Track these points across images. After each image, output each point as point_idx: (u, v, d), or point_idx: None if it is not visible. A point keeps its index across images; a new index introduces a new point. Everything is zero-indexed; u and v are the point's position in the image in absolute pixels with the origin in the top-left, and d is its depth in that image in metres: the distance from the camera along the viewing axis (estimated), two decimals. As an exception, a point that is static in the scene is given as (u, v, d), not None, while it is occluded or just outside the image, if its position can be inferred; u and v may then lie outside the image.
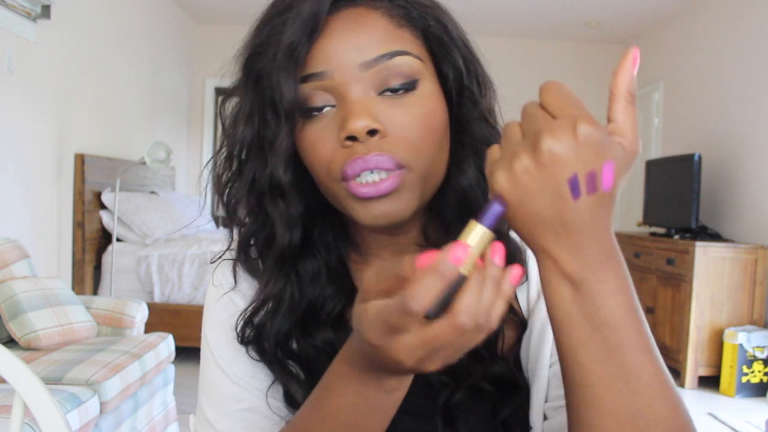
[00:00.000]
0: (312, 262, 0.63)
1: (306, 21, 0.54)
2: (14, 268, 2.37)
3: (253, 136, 0.59)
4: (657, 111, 5.06)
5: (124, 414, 2.12)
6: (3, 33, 2.80)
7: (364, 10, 0.56)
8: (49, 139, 3.26)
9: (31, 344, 2.17)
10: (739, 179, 3.89)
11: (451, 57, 0.58)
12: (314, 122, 0.56)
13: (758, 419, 2.98)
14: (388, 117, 0.54)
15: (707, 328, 3.54)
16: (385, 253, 0.65)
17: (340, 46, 0.54)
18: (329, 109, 0.56)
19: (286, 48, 0.54)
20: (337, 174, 0.55)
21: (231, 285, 0.65)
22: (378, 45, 0.55)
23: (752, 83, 3.82)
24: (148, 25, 4.65)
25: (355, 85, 0.54)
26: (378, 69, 0.54)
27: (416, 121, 0.55)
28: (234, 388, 0.63)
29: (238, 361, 0.63)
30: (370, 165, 0.53)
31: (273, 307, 0.61)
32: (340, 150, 0.54)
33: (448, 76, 0.59)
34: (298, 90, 0.55)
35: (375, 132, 0.54)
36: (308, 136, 0.56)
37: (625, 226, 5.44)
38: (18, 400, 0.88)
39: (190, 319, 3.50)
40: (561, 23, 5.25)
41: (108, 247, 3.65)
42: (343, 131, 0.53)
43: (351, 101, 0.54)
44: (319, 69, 0.54)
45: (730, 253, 3.53)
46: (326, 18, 0.55)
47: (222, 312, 0.65)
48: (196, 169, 5.81)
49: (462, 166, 0.61)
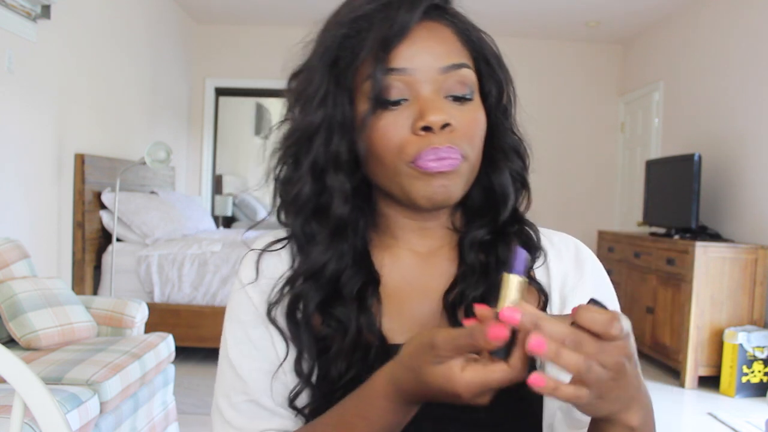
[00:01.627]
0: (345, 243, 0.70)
1: (398, 24, 0.64)
2: (14, 268, 2.37)
3: (324, 117, 0.66)
4: (657, 111, 5.06)
5: (124, 414, 2.12)
6: (3, 33, 2.80)
7: (440, 25, 0.67)
8: (49, 139, 3.26)
9: (31, 344, 2.17)
10: (739, 179, 3.89)
11: (496, 78, 0.70)
12: (389, 111, 0.65)
13: (758, 419, 2.98)
14: (454, 116, 0.64)
15: (707, 328, 3.53)
16: (413, 237, 0.73)
17: (423, 50, 0.65)
18: (403, 102, 0.65)
19: (380, 43, 0.63)
20: (407, 157, 0.64)
21: (251, 279, 0.71)
22: (451, 55, 0.66)
23: (752, 83, 3.82)
24: (148, 25, 4.65)
25: (430, 84, 0.65)
26: (449, 75, 0.65)
27: (474, 123, 0.66)
28: (239, 382, 0.69)
29: (247, 355, 0.69)
30: (441, 155, 0.63)
31: (315, 278, 0.68)
32: (413, 137, 0.64)
33: (490, 92, 0.70)
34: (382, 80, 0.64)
35: (447, 125, 0.64)
36: (380, 122, 0.65)
37: (625, 226, 5.45)
38: (18, 400, 0.88)
39: (190, 319, 3.50)
40: (561, 23, 5.25)
41: (108, 247, 3.65)
42: (422, 121, 0.63)
43: (428, 98, 0.64)
44: (403, 66, 0.64)
45: (730, 253, 3.53)
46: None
47: (238, 309, 0.71)
48: (196, 169, 5.81)
49: (499, 166, 0.71)
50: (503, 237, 0.71)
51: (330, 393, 0.65)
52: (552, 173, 5.53)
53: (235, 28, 5.68)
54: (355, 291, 0.67)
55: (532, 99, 0.75)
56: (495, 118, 0.70)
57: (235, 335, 0.70)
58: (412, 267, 0.72)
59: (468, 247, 0.71)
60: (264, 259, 0.72)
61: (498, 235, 0.71)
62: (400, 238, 0.73)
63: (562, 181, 5.64)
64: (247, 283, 0.71)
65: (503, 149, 0.71)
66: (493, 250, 0.70)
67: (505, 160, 0.71)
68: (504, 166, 0.71)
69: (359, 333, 0.65)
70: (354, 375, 0.64)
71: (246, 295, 0.71)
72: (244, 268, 0.73)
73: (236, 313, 0.71)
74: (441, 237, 0.73)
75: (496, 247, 0.70)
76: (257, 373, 0.69)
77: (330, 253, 0.68)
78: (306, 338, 0.67)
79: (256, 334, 0.70)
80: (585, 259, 0.74)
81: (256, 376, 0.69)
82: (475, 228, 0.71)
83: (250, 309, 0.70)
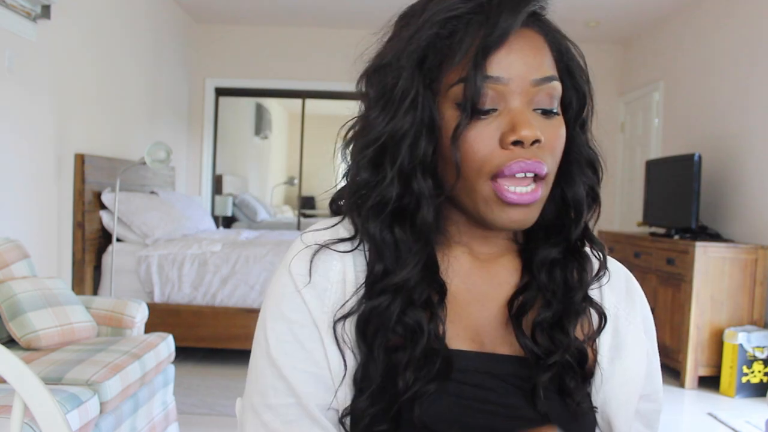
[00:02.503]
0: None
1: (498, 30, 0.60)
2: (14, 268, 2.36)
3: (413, 120, 0.63)
4: (657, 111, 5.06)
5: (124, 414, 2.12)
6: (3, 33, 2.80)
7: (536, 35, 0.64)
8: (49, 139, 3.26)
9: (31, 344, 2.17)
10: (739, 179, 3.89)
11: (579, 90, 0.69)
12: (478, 120, 0.62)
13: (758, 419, 2.98)
14: (543, 131, 0.62)
15: (707, 328, 3.54)
16: (474, 242, 0.71)
17: (519, 60, 0.62)
18: (493, 112, 0.62)
19: (479, 48, 0.60)
20: (491, 171, 0.62)
21: (306, 280, 0.65)
22: (545, 67, 0.63)
23: (752, 83, 3.82)
24: (148, 25, 4.65)
25: (523, 96, 0.62)
26: (542, 87, 0.62)
27: (558, 139, 0.64)
28: (281, 383, 0.63)
29: (292, 356, 0.64)
30: (530, 168, 0.61)
31: (397, 289, 0.63)
32: (500, 150, 0.61)
33: (571, 104, 0.68)
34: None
35: (537, 141, 0.61)
36: (470, 132, 0.62)
37: (625, 226, 5.44)
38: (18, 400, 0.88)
39: (190, 319, 3.50)
40: (561, 23, 5.20)
41: (108, 247, 3.64)
42: (513, 135, 0.60)
43: (520, 110, 0.61)
44: (498, 74, 0.61)
45: (730, 253, 3.52)
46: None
47: (285, 306, 0.65)
48: (196, 169, 5.81)
49: (574, 179, 0.69)
50: (576, 255, 0.70)
51: (389, 406, 0.61)
52: (552, 173, 5.53)
53: (235, 28, 5.68)
54: (424, 299, 0.65)
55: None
56: (573, 130, 0.69)
57: (279, 333, 0.64)
58: (472, 272, 0.70)
59: (539, 266, 0.69)
60: (319, 256, 0.66)
61: (569, 254, 0.70)
62: (460, 242, 0.71)
63: (562, 181, 5.64)
64: (301, 282, 0.65)
65: (579, 163, 0.70)
66: (563, 270, 0.69)
67: (580, 174, 0.70)
68: (579, 180, 0.70)
69: (429, 341, 0.62)
70: (419, 387, 0.61)
71: (299, 296, 0.65)
72: (299, 263, 0.66)
73: (282, 309, 0.65)
74: (503, 245, 0.72)
75: (567, 267, 0.69)
76: (303, 375, 0.63)
77: (416, 261, 0.64)
78: (378, 351, 0.62)
79: (305, 335, 0.64)
80: (635, 292, 0.75)
81: (302, 378, 0.63)
82: (547, 246, 0.70)
83: (302, 309, 0.65)
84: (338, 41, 5.49)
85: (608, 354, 0.70)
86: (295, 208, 7.96)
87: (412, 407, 0.61)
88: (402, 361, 0.62)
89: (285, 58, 5.70)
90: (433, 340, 0.63)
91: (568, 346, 0.66)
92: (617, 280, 0.74)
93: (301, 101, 6.25)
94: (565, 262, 0.70)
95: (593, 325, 0.70)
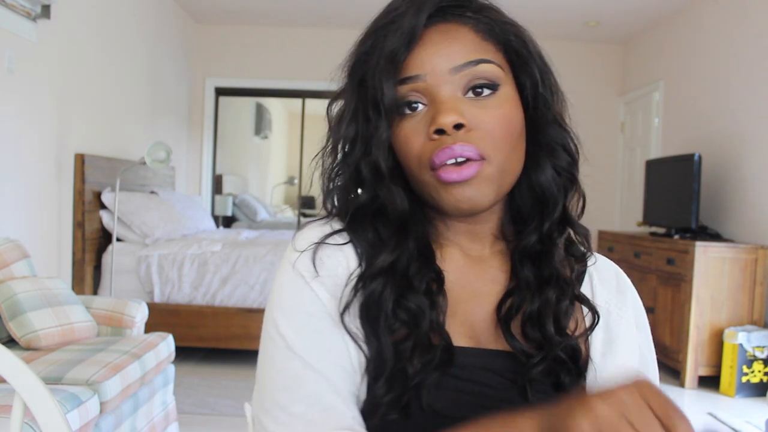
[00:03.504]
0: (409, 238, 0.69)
1: (406, 33, 0.63)
2: (14, 268, 2.36)
3: (356, 131, 0.68)
4: (657, 111, 5.06)
5: (124, 414, 2.12)
6: (3, 33, 2.80)
7: (455, 25, 0.66)
8: (49, 139, 3.26)
9: (31, 344, 2.17)
10: (739, 179, 3.89)
11: (529, 68, 0.68)
12: (408, 119, 0.65)
13: (758, 419, 2.98)
14: (472, 114, 0.63)
15: (707, 328, 3.53)
16: (463, 239, 0.72)
17: (434, 54, 0.64)
18: (422, 108, 0.65)
19: (387, 55, 0.63)
20: (427, 163, 0.64)
21: (313, 274, 0.65)
22: (466, 53, 0.64)
23: (752, 83, 3.82)
24: (148, 25, 4.65)
25: (444, 86, 0.63)
26: (465, 73, 0.63)
27: (496, 120, 0.64)
28: (310, 372, 0.62)
29: (316, 347, 0.63)
30: (455, 153, 0.62)
31: (388, 274, 0.65)
32: (429, 142, 0.63)
33: (525, 84, 0.68)
34: (396, 91, 0.64)
35: (461, 126, 0.62)
36: (403, 131, 0.65)
37: (625, 226, 5.45)
38: (18, 400, 0.88)
39: (190, 319, 3.50)
40: (561, 23, 5.25)
41: (108, 247, 3.64)
42: (433, 125, 0.62)
43: (441, 100, 0.63)
44: (414, 73, 0.64)
45: (730, 253, 3.52)
46: (422, 31, 0.64)
47: (299, 299, 0.65)
48: (196, 169, 5.81)
49: (540, 163, 0.69)
50: (555, 244, 0.69)
51: (399, 395, 0.61)
52: (552, 173, 5.53)
53: (235, 28, 5.68)
54: (424, 285, 0.66)
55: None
56: (535, 111, 0.68)
57: (298, 326, 0.63)
58: (465, 269, 0.71)
59: (520, 258, 0.70)
60: (322, 251, 0.67)
61: (550, 243, 0.69)
62: (451, 239, 0.72)
63: (562, 181, 5.64)
64: (309, 276, 0.65)
65: (547, 144, 0.69)
66: (546, 262, 0.69)
67: (548, 156, 0.69)
68: (546, 162, 0.69)
69: (431, 326, 0.63)
70: (425, 375, 0.61)
71: (310, 289, 0.65)
72: (303, 258, 0.66)
73: (296, 302, 0.64)
74: (491, 243, 0.73)
75: (551, 258, 0.69)
76: (330, 364, 0.62)
77: (399, 250, 0.66)
78: (384, 336, 0.63)
79: (324, 326, 0.63)
80: (626, 287, 0.75)
81: (330, 366, 0.62)
82: (525, 235, 0.70)
83: (316, 301, 0.64)
84: (338, 41, 5.45)
85: (601, 349, 0.70)
86: (295, 207, 7.97)
87: (419, 395, 0.62)
88: (408, 349, 0.62)
89: (285, 58, 5.70)
90: (435, 325, 0.64)
91: (559, 341, 0.66)
92: (608, 276, 0.75)
93: (301, 101, 6.25)
94: (547, 252, 0.69)
95: (586, 322, 0.70)
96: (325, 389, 0.61)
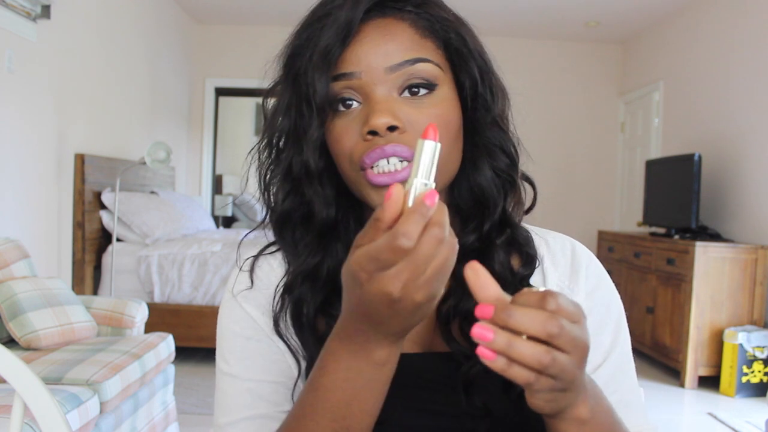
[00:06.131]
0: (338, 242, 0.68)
1: (341, 27, 0.60)
2: (14, 268, 2.36)
3: (290, 127, 0.65)
4: (657, 111, 5.06)
5: (124, 414, 2.12)
6: (3, 33, 2.80)
7: (393, 20, 0.63)
8: (49, 139, 3.26)
9: (31, 344, 2.17)
10: (739, 179, 3.89)
11: (468, 67, 0.65)
12: (341, 117, 0.63)
13: (758, 419, 2.98)
14: (407, 115, 0.61)
15: (707, 328, 3.53)
16: None
17: (370, 51, 0.61)
18: (356, 106, 0.62)
19: (321, 50, 0.61)
20: (357, 163, 0.61)
21: (245, 294, 0.69)
22: (403, 52, 0.61)
23: (752, 83, 3.82)
24: (148, 25, 4.65)
25: (380, 86, 0.61)
26: (401, 73, 0.61)
27: (432, 120, 0.61)
28: (248, 397, 0.65)
29: (252, 368, 0.66)
30: (387, 154, 0.60)
31: (311, 279, 0.65)
32: (362, 143, 0.61)
33: (465, 84, 0.65)
34: (329, 87, 0.62)
35: (394, 128, 0.60)
36: (335, 129, 0.63)
37: (625, 226, 5.45)
38: (18, 400, 0.88)
39: (190, 319, 3.50)
40: (561, 23, 5.25)
41: (108, 247, 3.64)
42: (366, 126, 0.60)
43: (375, 100, 0.61)
44: (349, 70, 0.61)
45: (730, 253, 3.52)
46: (359, 25, 0.62)
47: (234, 324, 0.69)
48: (196, 169, 5.81)
49: (477, 164, 0.67)
50: (491, 245, 0.67)
51: None
52: (552, 173, 5.53)
53: (235, 28, 5.67)
54: None
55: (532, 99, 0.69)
56: (473, 112, 0.65)
57: (235, 350, 0.67)
58: None
59: (458, 258, 0.67)
60: (258, 266, 0.70)
61: (489, 243, 0.67)
62: None
63: (562, 181, 5.64)
64: (241, 296, 0.69)
65: (485, 146, 0.66)
66: (487, 260, 0.65)
67: (486, 158, 0.67)
68: (484, 164, 0.66)
69: None
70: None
71: (241, 309, 0.68)
72: (234, 282, 0.70)
73: (232, 328, 0.68)
74: None
75: (491, 257, 0.66)
76: (267, 385, 0.65)
77: (321, 254, 0.66)
78: (311, 342, 0.64)
79: (263, 348, 0.67)
80: (580, 265, 0.71)
81: (267, 388, 0.65)
82: (464, 235, 0.66)
83: (249, 323, 0.68)
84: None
85: None
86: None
87: None
88: None
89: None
90: None
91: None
92: (562, 254, 0.71)
93: (301, 101, 6.24)
94: (487, 251, 0.67)
95: None
96: (259, 413, 0.65)
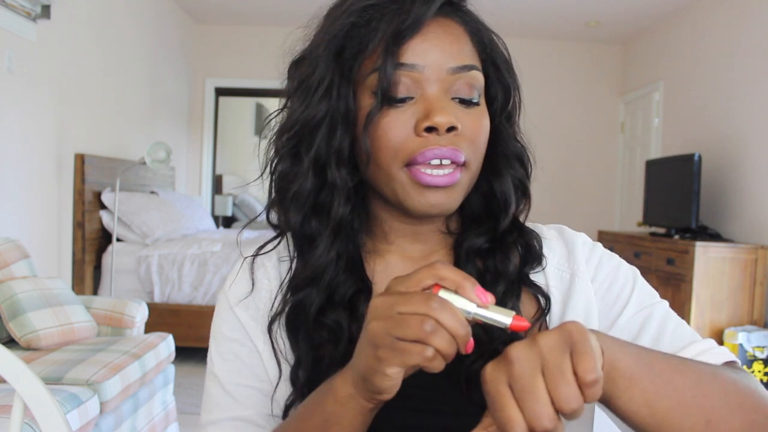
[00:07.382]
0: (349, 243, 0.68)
1: (414, 18, 0.60)
2: (14, 268, 2.36)
3: (327, 109, 0.63)
4: (657, 111, 5.06)
5: (124, 414, 2.12)
6: (3, 33, 2.80)
7: (455, 23, 0.64)
8: (49, 139, 3.26)
9: (31, 344, 2.17)
10: (739, 179, 3.89)
11: (503, 83, 0.67)
12: (393, 108, 0.61)
13: (758, 419, 2.98)
14: (461, 119, 0.61)
15: (707, 328, 3.53)
16: (406, 242, 0.70)
17: (435, 47, 0.61)
18: (410, 100, 0.61)
19: (391, 35, 0.60)
20: (405, 158, 0.61)
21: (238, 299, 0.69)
22: (464, 56, 0.62)
23: (752, 83, 3.82)
24: (148, 25, 4.65)
25: (440, 84, 0.61)
26: (459, 76, 0.62)
27: (478, 129, 0.63)
28: (227, 398, 0.67)
29: (233, 371, 0.68)
30: (445, 155, 0.60)
31: (315, 281, 0.65)
32: (414, 137, 0.60)
33: (496, 97, 0.67)
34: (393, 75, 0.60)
35: (453, 129, 0.60)
36: (384, 119, 0.61)
37: (625, 226, 5.45)
38: (18, 400, 0.88)
39: (190, 319, 3.50)
40: (561, 23, 5.25)
41: (108, 247, 3.64)
42: (427, 121, 0.59)
43: (436, 97, 0.61)
44: (414, 61, 0.60)
45: (730, 253, 3.52)
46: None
47: (224, 327, 0.70)
48: (196, 169, 5.81)
49: (501, 172, 0.68)
50: (502, 246, 0.68)
51: None
52: (552, 173, 5.53)
53: (235, 28, 5.67)
54: (347, 298, 0.65)
55: (531, 99, 0.70)
56: (499, 123, 0.68)
57: (221, 352, 0.69)
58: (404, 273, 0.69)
59: (465, 254, 0.68)
60: (256, 268, 0.71)
61: (496, 244, 0.68)
62: (392, 243, 0.70)
63: (562, 181, 5.64)
64: (234, 301, 0.69)
65: (506, 156, 0.68)
66: (491, 259, 0.67)
67: (507, 167, 0.68)
68: (506, 173, 0.68)
69: (351, 343, 0.61)
70: None
71: (231, 311, 0.69)
72: (239, 280, 0.71)
73: (222, 330, 0.70)
74: (435, 241, 0.70)
75: (495, 256, 0.67)
76: (246, 389, 0.67)
77: (332, 254, 0.65)
78: (305, 346, 0.64)
79: (244, 352, 0.68)
80: (574, 245, 0.71)
81: (245, 392, 0.67)
82: (473, 235, 0.68)
83: (236, 325, 0.69)
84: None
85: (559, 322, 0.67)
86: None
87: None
88: (326, 362, 0.63)
89: (285, 58, 5.69)
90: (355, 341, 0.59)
91: (499, 335, 0.63)
92: (555, 242, 0.71)
93: (301, 101, 6.24)
94: (492, 251, 0.67)
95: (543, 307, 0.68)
96: (238, 415, 0.66)
